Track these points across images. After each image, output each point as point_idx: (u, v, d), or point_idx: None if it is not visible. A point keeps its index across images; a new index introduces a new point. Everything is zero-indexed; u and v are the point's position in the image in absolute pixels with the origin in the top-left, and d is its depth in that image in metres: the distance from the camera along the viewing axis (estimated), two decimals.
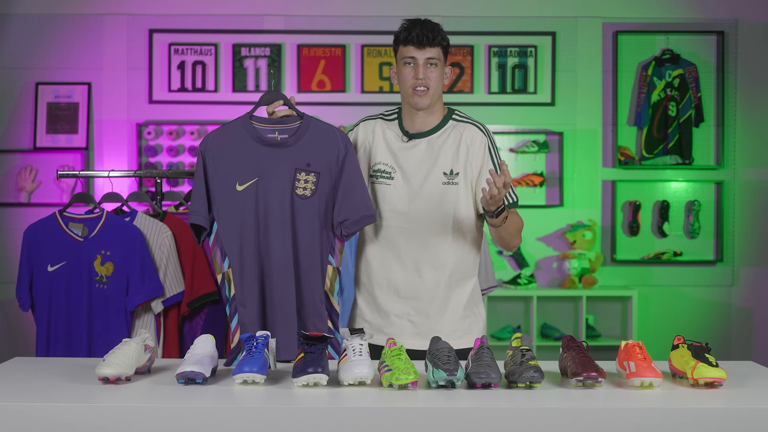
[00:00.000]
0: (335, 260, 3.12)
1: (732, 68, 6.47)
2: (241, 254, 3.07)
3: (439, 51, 3.03)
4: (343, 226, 3.06)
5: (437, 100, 3.09)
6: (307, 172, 3.07)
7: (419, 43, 3.00)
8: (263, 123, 3.12)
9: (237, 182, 3.07)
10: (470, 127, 3.09)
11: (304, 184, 3.06)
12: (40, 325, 3.59)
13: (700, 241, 6.49)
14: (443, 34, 3.05)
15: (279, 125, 3.12)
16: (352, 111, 6.33)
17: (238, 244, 3.07)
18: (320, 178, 3.07)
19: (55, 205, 6.01)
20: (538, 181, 6.39)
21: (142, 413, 2.32)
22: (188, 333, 3.72)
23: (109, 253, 3.54)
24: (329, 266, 3.12)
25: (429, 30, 3.01)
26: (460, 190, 3.05)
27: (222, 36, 6.40)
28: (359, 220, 3.05)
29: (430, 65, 3.03)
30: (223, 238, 3.08)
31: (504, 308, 6.43)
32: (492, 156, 3.07)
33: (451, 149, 3.05)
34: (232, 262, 3.08)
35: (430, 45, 3.01)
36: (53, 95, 6.35)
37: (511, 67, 6.45)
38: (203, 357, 2.58)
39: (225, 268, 3.09)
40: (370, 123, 3.19)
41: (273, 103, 3.16)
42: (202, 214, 3.08)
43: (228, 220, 3.07)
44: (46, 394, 2.45)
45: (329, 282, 3.11)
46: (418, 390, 2.48)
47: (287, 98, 3.17)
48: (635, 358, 2.54)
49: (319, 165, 3.07)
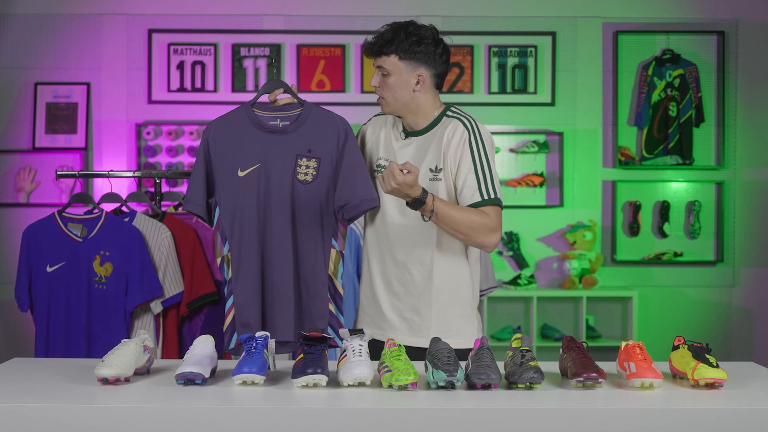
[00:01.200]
0: (338, 244, 3.17)
1: (732, 68, 6.47)
2: (240, 238, 3.12)
3: (392, 60, 3.01)
4: (344, 210, 3.11)
5: (407, 105, 3.05)
6: (308, 158, 3.12)
7: (368, 53, 3.06)
8: (265, 110, 3.18)
9: (239, 168, 3.13)
10: (455, 121, 3.05)
11: (305, 169, 3.11)
12: (39, 325, 3.58)
13: (701, 241, 6.49)
14: (401, 42, 3.00)
15: (280, 112, 3.17)
16: (352, 111, 6.31)
17: (239, 228, 3.12)
18: (321, 164, 3.12)
19: (54, 206, 6.00)
20: (538, 182, 6.38)
21: (141, 414, 2.32)
22: (187, 334, 3.72)
23: (108, 254, 3.54)
24: (332, 250, 3.16)
25: (383, 38, 3.01)
26: (442, 186, 3.03)
27: (221, 36, 6.40)
28: (359, 204, 3.08)
29: (382, 75, 3.04)
30: (224, 223, 3.14)
31: (504, 309, 6.42)
32: (472, 149, 2.99)
33: (437, 145, 3.04)
34: (232, 246, 3.13)
35: (377, 54, 3.03)
36: (52, 95, 6.34)
37: (511, 67, 6.44)
38: (202, 358, 2.58)
39: (225, 252, 3.16)
40: (381, 119, 3.22)
41: (274, 91, 3.21)
42: (196, 203, 3.14)
43: (229, 205, 3.13)
44: (45, 394, 2.44)
45: (333, 265, 3.16)
46: (417, 391, 2.47)
47: (288, 86, 3.22)
48: (635, 358, 2.53)
49: (320, 151, 3.12)
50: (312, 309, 3.13)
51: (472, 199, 2.96)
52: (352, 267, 3.98)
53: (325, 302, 3.14)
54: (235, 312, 3.13)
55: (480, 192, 2.96)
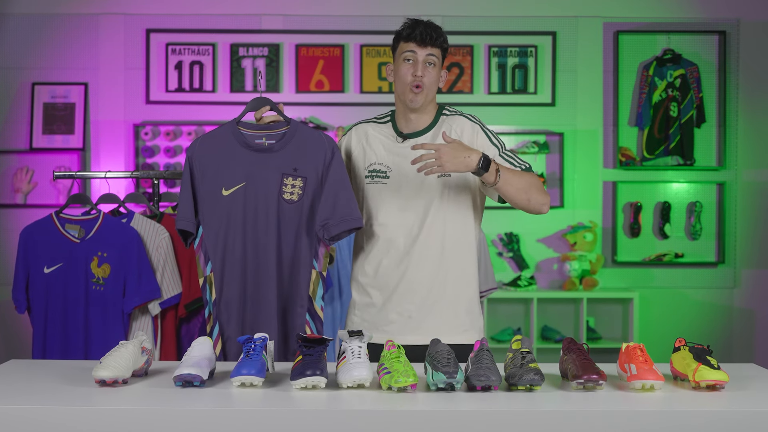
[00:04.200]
0: (318, 265, 3.14)
1: (734, 68, 6.46)
2: (224, 258, 3.10)
3: (439, 52, 3.07)
4: (324, 228, 3.07)
5: (431, 101, 3.12)
6: (294, 177, 3.10)
7: (422, 41, 3.03)
8: (250, 129, 3.16)
9: (223, 187, 3.10)
10: (458, 118, 3.13)
11: (291, 188, 3.09)
12: (37, 327, 3.57)
13: (702, 242, 6.48)
14: (445, 36, 3.09)
15: (266, 131, 3.15)
16: (351, 111, 6.32)
17: (222, 248, 3.10)
18: (307, 183, 3.10)
19: (51, 207, 6.01)
20: None
21: (139, 416, 2.31)
22: (185, 335, 3.71)
23: (105, 255, 3.53)
24: (313, 271, 3.14)
25: (433, 29, 3.05)
26: (452, 182, 3.07)
27: (220, 36, 6.38)
28: (339, 223, 3.05)
29: (428, 64, 3.05)
30: (208, 243, 3.11)
31: (504, 310, 6.41)
32: (489, 137, 3.09)
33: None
34: (215, 267, 3.11)
35: (431, 44, 3.04)
36: (49, 95, 6.33)
37: (511, 67, 6.43)
38: (201, 359, 2.57)
39: (207, 272, 3.12)
40: (363, 127, 3.22)
41: (260, 108, 3.19)
42: (189, 220, 3.11)
43: (213, 224, 3.10)
44: (43, 396, 2.43)
45: (312, 286, 3.14)
46: (417, 393, 2.46)
47: (274, 104, 3.21)
48: (636, 360, 2.53)
49: (306, 170, 3.10)
50: (296, 330, 3.11)
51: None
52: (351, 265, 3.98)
53: (303, 323, 3.13)
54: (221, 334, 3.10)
55: (514, 166, 3.03)
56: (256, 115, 3.19)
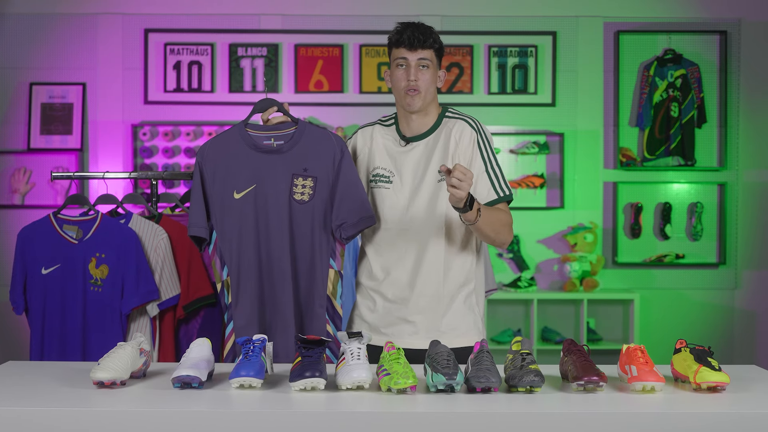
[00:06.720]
0: (336, 263, 3.15)
1: (735, 68, 6.45)
2: (239, 261, 3.11)
3: (431, 53, 3.07)
4: (341, 229, 3.09)
5: (430, 102, 3.11)
6: (304, 177, 3.10)
7: (410, 45, 3.03)
8: (258, 130, 3.16)
9: (234, 190, 3.11)
10: (460, 122, 3.11)
11: (301, 189, 3.09)
12: (34, 328, 3.56)
13: (703, 243, 6.47)
14: (436, 36, 3.08)
15: (274, 132, 3.15)
16: (351, 111, 6.31)
17: (237, 252, 3.11)
18: (317, 183, 3.10)
19: (49, 207, 6.00)
20: (539, 183, 6.37)
21: (137, 418, 2.30)
22: (184, 336, 3.70)
23: (104, 256, 3.52)
24: (331, 270, 3.15)
25: (421, 32, 3.04)
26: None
27: (218, 36, 6.38)
28: (357, 223, 3.08)
29: (421, 67, 3.05)
30: (222, 247, 3.12)
31: (504, 311, 6.40)
32: (481, 150, 3.07)
33: (443, 147, 3.08)
34: (231, 270, 3.12)
35: (421, 47, 3.04)
36: (47, 96, 6.33)
37: (511, 67, 6.43)
38: (199, 361, 2.57)
39: (224, 277, 3.14)
40: (368, 129, 3.22)
41: (267, 110, 3.19)
42: (201, 225, 3.12)
43: (226, 228, 3.11)
44: (40, 398, 2.43)
45: (331, 286, 3.15)
46: (417, 394, 2.46)
47: (281, 104, 3.20)
48: (637, 361, 2.53)
49: (316, 170, 3.10)
50: (312, 331, 3.12)
51: (489, 197, 3.02)
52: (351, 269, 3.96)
53: (323, 323, 3.13)
54: (236, 337, 3.10)
55: (495, 190, 3.04)
56: (263, 116, 3.19)
